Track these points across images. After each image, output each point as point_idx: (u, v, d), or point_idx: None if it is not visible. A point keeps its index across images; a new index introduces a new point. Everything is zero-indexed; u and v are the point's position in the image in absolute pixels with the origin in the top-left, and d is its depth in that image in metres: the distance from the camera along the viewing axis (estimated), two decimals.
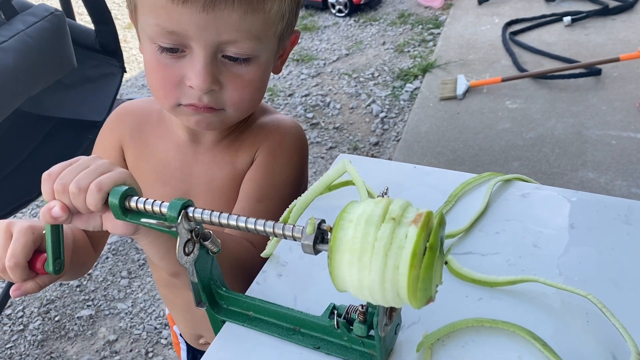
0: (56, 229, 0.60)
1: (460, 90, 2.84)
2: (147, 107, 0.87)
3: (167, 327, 1.92)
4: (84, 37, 1.64)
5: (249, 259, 0.71)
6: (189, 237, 0.53)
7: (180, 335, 1.05)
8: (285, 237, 0.47)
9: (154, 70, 0.69)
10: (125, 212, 0.54)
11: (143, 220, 0.53)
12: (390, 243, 0.40)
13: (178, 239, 0.52)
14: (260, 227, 0.49)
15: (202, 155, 0.82)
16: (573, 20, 3.29)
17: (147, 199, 0.54)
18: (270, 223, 0.48)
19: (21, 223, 0.63)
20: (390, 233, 0.40)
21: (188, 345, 1.05)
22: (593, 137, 2.48)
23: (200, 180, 0.82)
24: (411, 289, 0.40)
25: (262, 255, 0.68)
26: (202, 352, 1.03)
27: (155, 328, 1.92)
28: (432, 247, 0.40)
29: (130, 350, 1.86)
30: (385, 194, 0.55)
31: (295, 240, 0.47)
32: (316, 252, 0.45)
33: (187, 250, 0.54)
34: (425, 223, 0.40)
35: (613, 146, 2.40)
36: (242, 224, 0.49)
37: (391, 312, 0.51)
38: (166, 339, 1.88)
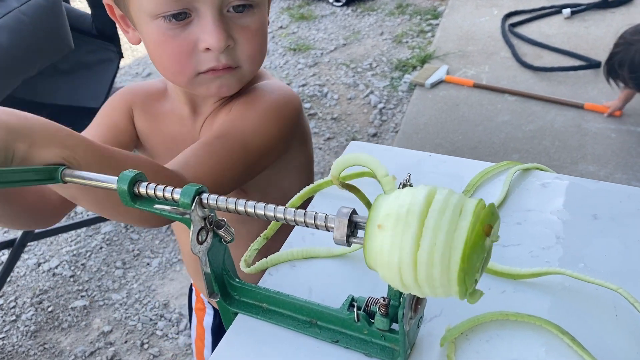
0: None
1: (432, 80, 2.83)
2: (151, 85, 0.88)
3: (162, 318, 1.89)
4: (80, 21, 1.60)
5: None
6: (203, 224, 0.50)
7: (209, 301, 1.03)
8: (307, 225, 0.45)
9: (163, 46, 0.68)
10: (134, 198, 0.52)
11: (156, 206, 0.50)
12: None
13: (192, 226, 0.49)
14: (279, 215, 0.46)
15: (200, 125, 0.81)
16: (573, 13, 3.27)
17: (157, 184, 0.51)
18: (290, 210, 0.46)
19: None
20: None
21: (216, 311, 1.03)
22: (593, 130, 2.46)
23: None
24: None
25: (246, 271, 0.64)
26: None
27: (151, 319, 1.89)
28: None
29: (125, 342, 1.83)
30: (408, 181, 0.52)
31: (317, 228, 0.44)
32: (349, 244, 0.43)
33: (200, 239, 0.51)
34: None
35: (613, 139, 2.39)
36: (260, 212, 0.47)
37: (416, 304, 0.49)
38: (162, 330, 1.86)
